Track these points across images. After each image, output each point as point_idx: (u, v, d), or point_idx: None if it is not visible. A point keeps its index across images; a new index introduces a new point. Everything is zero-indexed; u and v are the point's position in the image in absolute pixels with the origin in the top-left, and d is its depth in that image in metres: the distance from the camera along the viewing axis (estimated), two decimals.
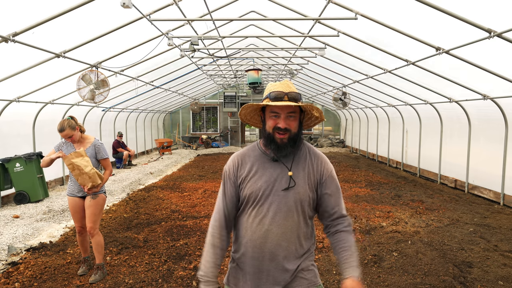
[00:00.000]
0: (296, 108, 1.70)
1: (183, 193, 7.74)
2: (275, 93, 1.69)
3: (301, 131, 1.78)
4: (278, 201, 1.71)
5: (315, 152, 1.83)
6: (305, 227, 1.75)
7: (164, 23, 6.49)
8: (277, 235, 1.69)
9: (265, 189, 1.71)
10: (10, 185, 6.90)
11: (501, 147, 6.69)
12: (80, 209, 3.73)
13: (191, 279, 3.70)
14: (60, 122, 3.52)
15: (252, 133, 33.09)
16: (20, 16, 4.33)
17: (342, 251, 1.73)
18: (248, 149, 1.86)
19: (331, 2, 5.46)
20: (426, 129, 9.67)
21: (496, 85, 5.99)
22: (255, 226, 1.73)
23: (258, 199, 1.72)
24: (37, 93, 6.93)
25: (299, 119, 1.74)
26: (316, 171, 1.77)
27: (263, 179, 1.73)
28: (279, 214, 1.70)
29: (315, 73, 11.69)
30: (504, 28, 4.15)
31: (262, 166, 1.76)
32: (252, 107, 1.79)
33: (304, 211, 1.74)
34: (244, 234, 1.77)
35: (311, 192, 1.75)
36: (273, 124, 1.70)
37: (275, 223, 1.70)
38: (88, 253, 3.98)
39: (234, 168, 1.81)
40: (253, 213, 1.74)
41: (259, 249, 1.71)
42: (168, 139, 15.85)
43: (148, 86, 10.53)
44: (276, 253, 1.70)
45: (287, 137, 1.69)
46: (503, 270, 3.88)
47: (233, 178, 1.81)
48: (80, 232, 3.82)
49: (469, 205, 6.70)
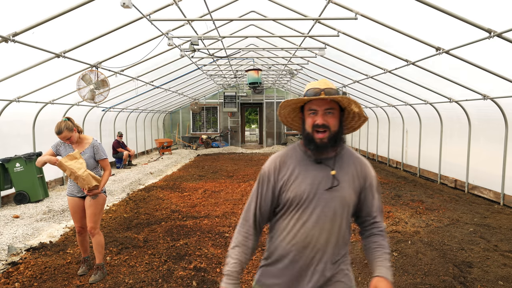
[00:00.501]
0: (334, 105, 1.65)
1: (183, 193, 7.74)
2: (311, 90, 1.65)
3: (342, 130, 1.71)
4: (323, 205, 1.66)
5: (357, 156, 1.79)
6: (345, 231, 1.73)
7: (164, 23, 6.49)
8: (319, 240, 1.66)
9: (309, 192, 1.66)
10: (10, 185, 6.90)
11: (501, 147, 6.69)
12: (80, 209, 3.72)
13: (191, 279, 3.70)
14: (57, 124, 3.48)
15: (252, 133, 33.08)
16: (20, 16, 4.33)
17: (374, 251, 1.72)
18: (289, 150, 1.80)
19: (331, 2, 5.46)
20: (426, 129, 9.67)
21: (496, 85, 5.99)
22: (296, 229, 1.68)
23: (302, 203, 1.67)
24: (37, 93, 6.93)
25: (339, 118, 1.68)
26: (360, 176, 1.74)
27: (307, 182, 1.68)
28: (322, 218, 1.66)
29: (315, 73, 11.69)
30: (504, 28, 4.15)
31: (305, 168, 1.71)
32: (291, 105, 1.74)
33: (348, 216, 1.71)
34: (285, 237, 1.72)
35: (355, 197, 1.72)
36: (311, 122, 1.66)
37: (318, 227, 1.66)
38: (88, 253, 3.97)
39: (274, 170, 1.75)
40: (296, 216, 1.69)
41: (300, 253, 1.68)
42: (168, 139, 15.85)
43: (148, 86, 10.54)
44: (316, 257, 1.67)
45: (327, 136, 1.64)
46: (503, 270, 3.88)
47: (273, 181, 1.74)
48: (80, 232, 3.81)
49: (469, 205, 6.70)
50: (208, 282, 3.64)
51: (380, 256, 1.71)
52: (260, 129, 21.75)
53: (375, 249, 1.74)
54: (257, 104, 20.97)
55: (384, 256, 1.71)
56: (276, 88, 19.10)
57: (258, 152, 16.89)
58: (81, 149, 3.65)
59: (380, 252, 1.72)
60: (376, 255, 1.72)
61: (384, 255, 1.71)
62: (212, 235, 5.02)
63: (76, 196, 3.69)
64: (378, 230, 1.77)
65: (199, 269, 3.92)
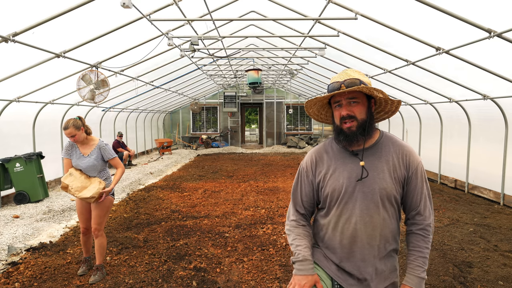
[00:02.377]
0: (357, 94, 1.61)
1: (183, 193, 7.74)
2: (332, 85, 1.63)
3: (372, 118, 1.66)
4: (363, 197, 1.60)
5: (399, 143, 1.69)
6: (392, 223, 1.65)
7: (164, 23, 6.49)
8: (366, 233, 1.60)
9: (348, 186, 1.62)
10: (10, 185, 6.90)
11: (501, 147, 6.69)
12: (86, 210, 3.74)
13: (191, 279, 3.70)
14: (66, 120, 3.57)
15: (252, 133, 33.09)
16: (20, 16, 4.33)
17: (409, 255, 1.66)
18: (325, 144, 1.78)
19: (331, 2, 5.46)
20: (426, 129, 9.67)
21: (496, 85, 5.99)
22: (341, 225, 1.64)
23: (342, 197, 1.63)
24: (37, 93, 6.93)
25: (366, 106, 1.64)
26: (402, 164, 1.64)
27: (344, 175, 1.63)
28: (366, 211, 1.60)
29: (315, 73, 11.69)
30: (504, 28, 4.15)
31: (342, 162, 1.67)
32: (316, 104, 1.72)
33: (392, 207, 1.63)
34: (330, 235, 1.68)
35: (399, 187, 1.63)
36: (338, 115, 1.63)
37: (362, 221, 1.60)
38: (90, 254, 3.97)
39: (312, 164, 1.73)
40: (338, 212, 1.64)
41: (348, 249, 1.63)
42: (168, 139, 15.84)
43: (148, 86, 10.54)
44: (365, 252, 1.62)
45: (355, 125, 1.59)
46: (503, 270, 3.88)
47: (311, 175, 1.73)
48: (84, 233, 3.84)
49: (469, 205, 6.70)
50: (208, 282, 3.64)
51: (413, 262, 1.63)
52: (260, 129, 21.75)
53: (410, 251, 1.66)
54: (257, 104, 20.98)
55: (417, 262, 1.62)
56: (276, 88, 19.09)
57: (258, 152, 16.89)
58: (88, 151, 3.66)
59: (414, 257, 1.64)
60: (410, 260, 1.64)
61: (417, 260, 1.63)
62: (212, 235, 5.02)
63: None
64: (418, 228, 1.66)
65: (199, 269, 3.92)
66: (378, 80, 8.69)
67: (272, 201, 6.93)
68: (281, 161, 13.10)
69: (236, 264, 4.06)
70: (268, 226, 5.36)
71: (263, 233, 5.08)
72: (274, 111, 19.25)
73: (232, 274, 3.81)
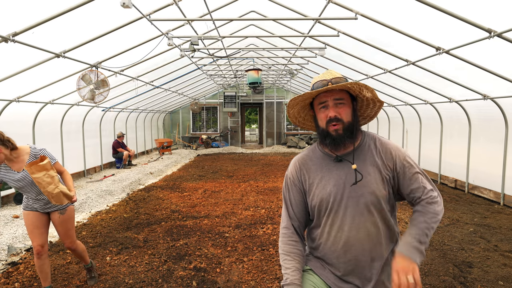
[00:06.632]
0: (343, 94, 1.55)
1: (183, 193, 7.74)
2: (318, 83, 1.57)
3: (357, 120, 1.61)
4: (353, 204, 1.56)
5: (382, 141, 1.65)
6: (386, 225, 1.60)
7: (164, 23, 6.49)
8: (359, 240, 1.56)
9: (336, 194, 1.57)
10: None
11: (501, 147, 6.69)
12: (42, 223, 3.13)
13: (191, 279, 3.70)
14: None
15: (252, 133, 33.09)
16: (20, 16, 4.33)
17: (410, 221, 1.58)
18: (308, 151, 1.72)
19: (331, 2, 5.46)
20: (426, 129, 9.67)
21: (496, 85, 5.99)
22: (334, 235, 1.60)
23: (331, 206, 1.58)
24: (37, 93, 6.93)
25: (351, 107, 1.58)
26: (387, 161, 1.59)
27: (331, 183, 1.58)
28: (357, 217, 1.55)
29: (315, 73, 11.69)
30: (504, 28, 4.14)
31: (327, 169, 1.62)
32: (299, 103, 1.64)
33: (384, 211, 1.58)
34: (324, 245, 1.64)
35: (388, 187, 1.58)
36: (324, 117, 1.56)
37: (355, 228, 1.56)
38: (50, 282, 3.23)
39: (297, 173, 1.68)
40: (329, 221, 1.60)
41: (343, 257, 1.60)
42: (168, 139, 15.85)
43: (148, 86, 10.54)
44: (361, 259, 1.58)
45: (342, 128, 1.54)
46: (503, 270, 3.88)
47: (298, 184, 1.68)
48: (39, 254, 3.09)
49: (469, 205, 6.69)
50: (208, 282, 3.63)
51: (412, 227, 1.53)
52: (260, 129, 21.75)
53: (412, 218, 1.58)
54: (257, 104, 20.97)
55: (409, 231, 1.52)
56: (276, 88, 19.10)
57: (258, 152, 16.89)
58: (22, 165, 3.01)
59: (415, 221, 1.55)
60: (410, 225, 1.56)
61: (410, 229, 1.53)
62: (212, 235, 5.02)
63: (37, 210, 3.13)
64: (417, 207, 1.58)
65: (199, 269, 3.92)
66: (378, 80, 8.69)
67: (272, 201, 6.93)
68: (281, 161, 13.10)
69: (236, 264, 4.06)
70: (268, 226, 5.36)
71: (263, 233, 5.08)
72: (274, 111, 19.25)
73: (232, 274, 3.81)
